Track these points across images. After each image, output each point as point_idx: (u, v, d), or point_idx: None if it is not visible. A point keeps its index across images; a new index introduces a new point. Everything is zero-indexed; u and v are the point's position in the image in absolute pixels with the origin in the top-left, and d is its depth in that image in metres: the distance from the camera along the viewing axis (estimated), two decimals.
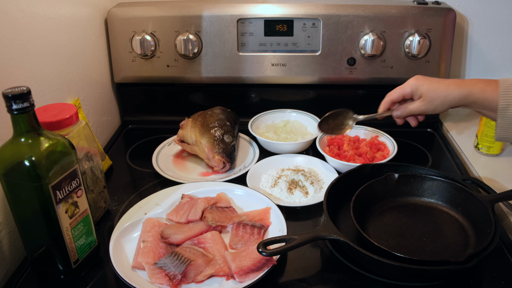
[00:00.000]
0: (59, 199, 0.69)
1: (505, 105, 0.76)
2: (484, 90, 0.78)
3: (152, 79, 1.27)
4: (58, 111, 0.80)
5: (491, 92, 0.78)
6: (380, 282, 0.75)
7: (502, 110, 0.76)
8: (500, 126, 0.78)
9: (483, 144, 1.08)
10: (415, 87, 0.84)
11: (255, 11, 1.18)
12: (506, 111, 0.76)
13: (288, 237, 0.73)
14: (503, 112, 0.76)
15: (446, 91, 0.81)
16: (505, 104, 0.76)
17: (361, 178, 0.90)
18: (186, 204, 0.90)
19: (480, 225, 0.79)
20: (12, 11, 0.82)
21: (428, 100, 0.83)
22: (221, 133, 1.06)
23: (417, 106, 0.85)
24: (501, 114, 0.77)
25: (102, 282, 0.77)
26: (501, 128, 0.78)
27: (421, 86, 0.83)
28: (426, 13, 1.16)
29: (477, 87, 0.79)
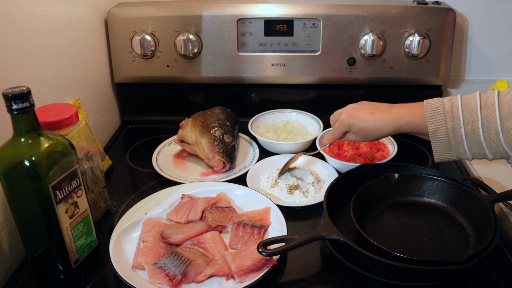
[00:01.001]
0: (59, 199, 0.69)
1: (434, 129, 0.77)
2: (411, 122, 0.80)
3: (152, 79, 1.27)
4: (58, 111, 0.80)
5: (417, 122, 0.79)
6: (380, 282, 0.75)
7: (432, 134, 0.78)
8: (435, 149, 0.79)
9: None
10: (347, 127, 0.88)
11: (255, 11, 1.18)
12: (436, 134, 0.77)
13: (288, 237, 0.73)
14: (434, 135, 0.78)
15: (374, 129, 0.84)
16: (434, 128, 0.77)
17: (361, 178, 0.90)
18: (186, 204, 0.90)
19: (480, 225, 0.79)
20: (12, 11, 0.82)
21: (361, 137, 0.87)
22: (221, 133, 1.06)
23: (354, 138, 0.90)
24: (433, 137, 0.78)
25: (102, 282, 0.77)
26: (436, 151, 0.79)
27: (352, 126, 0.87)
28: (426, 13, 1.16)
29: (404, 120, 0.81)
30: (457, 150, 0.77)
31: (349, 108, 0.89)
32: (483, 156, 0.77)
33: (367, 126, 0.84)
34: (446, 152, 0.78)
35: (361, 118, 0.85)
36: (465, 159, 0.79)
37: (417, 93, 1.27)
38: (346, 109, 0.89)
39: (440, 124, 0.77)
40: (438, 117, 0.77)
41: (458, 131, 0.75)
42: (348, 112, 0.88)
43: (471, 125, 0.74)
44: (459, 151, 0.77)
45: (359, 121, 0.85)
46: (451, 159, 0.79)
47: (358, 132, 0.86)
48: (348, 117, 0.87)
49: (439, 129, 0.77)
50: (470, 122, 0.74)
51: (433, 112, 0.77)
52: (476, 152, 0.76)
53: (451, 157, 0.79)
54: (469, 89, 1.34)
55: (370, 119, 0.84)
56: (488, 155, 0.76)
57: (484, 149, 0.75)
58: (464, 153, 0.77)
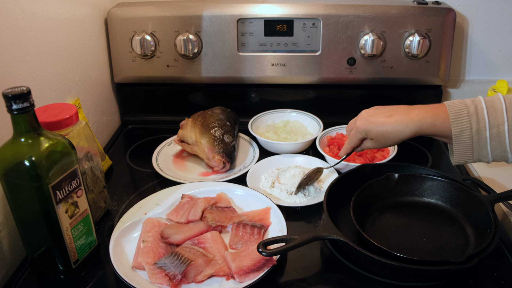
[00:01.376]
0: (59, 199, 0.69)
1: (458, 131, 0.76)
2: (433, 124, 0.78)
3: (152, 79, 1.27)
4: (58, 111, 0.80)
5: (441, 125, 0.77)
6: (380, 282, 0.75)
7: (456, 137, 0.76)
8: (457, 152, 0.77)
9: None
10: (364, 133, 0.85)
11: (255, 11, 1.18)
12: (460, 137, 0.76)
13: (288, 237, 0.73)
14: (457, 138, 0.76)
15: (394, 132, 0.80)
16: (458, 130, 0.76)
17: (361, 178, 0.90)
18: (186, 204, 0.90)
19: (480, 225, 0.79)
20: (12, 11, 0.82)
21: (380, 142, 0.84)
22: (221, 133, 1.06)
23: (372, 145, 0.86)
24: (456, 140, 0.76)
25: (102, 282, 0.77)
26: (458, 154, 0.77)
27: (369, 132, 0.83)
28: (426, 13, 1.16)
29: (426, 122, 0.78)
30: (479, 153, 0.76)
31: (364, 114, 0.85)
32: (504, 159, 0.76)
33: (386, 130, 0.81)
34: (468, 155, 0.77)
35: (378, 123, 0.81)
36: (484, 162, 0.77)
37: (417, 93, 1.27)
38: (360, 116, 0.85)
39: (464, 127, 0.75)
40: (463, 120, 0.75)
41: (483, 134, 0.74)
42: (363, 118, 0.84)
43: (497, 128, 0.73)
44: (480, 154, 0.76)
45: (376, 125, 0.82)
46: (471, 162, 0.78)
47: (376, 137, 0.83)
48: (364, 123, 0.83)
49: (464, 132, 0.75)
50: (496, 125, 0.73)
51: (457, 115, 0.76)
52: (498, 155, 0.75)
53: (472, 160, 0.77)
54: (469, 89, 1.34)
55: (389, 122, 0.81)
56: (510, 158, 0.75)
57: (507, 152, 0.74)
58: (485, 156, 0.76)
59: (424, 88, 1.26)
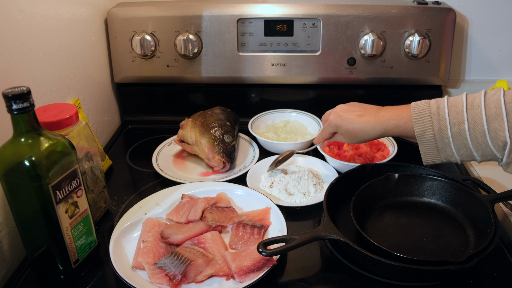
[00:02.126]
0: (59, 199, 0.69)
1: (420, 131, 0.77)
2: (397, 125, 0.80)
3: (152, 79, 1.27)
4: (58, 111, 0.80)
5: (404, 125, 0.79)
6: (380, 282, 0.75)
7: (419, 136, 0.77)
8: (423, 151, 0.78)
9: None
10: (335, 128, 0.88)
11: (255, 11, 1.18)
12: (423, 137, 0.77)
13: (288, 237, 0.73)
14: (421, 138, 0.77)
15: (361, 132, 0.84)
16: (421, 130, 0.77)
17: (361, 178, 0.90)
18: (186, 204, 0.90)
19: (480, 225, 0.79)
20: (12, 11, 0.82)
21: (349, 138, 0.87)
22: (221, 133, 1.06)
23: (342, 139, 0.90)
24: (420, 140, 0.78)
25: (102, 282, 0.77)
26: (424, 153, 0.79)
27: (339, 128, 0.87)
28: (426, 13, 1.16)
29: (390, 124, 0.80)
30: (445, 152, 0.77)
31: (338, 109, 0.88)
32: (471, 158, 0.76)
33: (354, 128, 0.84)
34: (434, 154, 0.78)
35: (349, 120, 0.85)
36: (453, 162, 0.78)
37: (417, 93, 1.27)
38: (335, 110, 0.89)
39: (426, 127, 0.76)
40: (425, 119, 0.76)
41: (445, 133, 0.75)
42: (337, 113, 0.88)
43: (458, 127, 0.74)
44: (446, 153, 0.77)
45: (346, 122, 0.85)
46: (439, 162, 0.79)
47: (345, 133, 0.87)
48: (336, 118, 0.87)
49: (426, 131, 0.76)
50: (457, 124, 0.74)
51: (419, 115, 0.77)
52: (464, 154, 0.76)
53: (439, 160, 0.78)
54: (469, 89, 1.33)
55: (358, 121, 0.84)
56: (476, 157, 0.75)
57: (472, 151, 0.75)
58: (452, 155, 0.77)
59: (424, 88, 1.26)
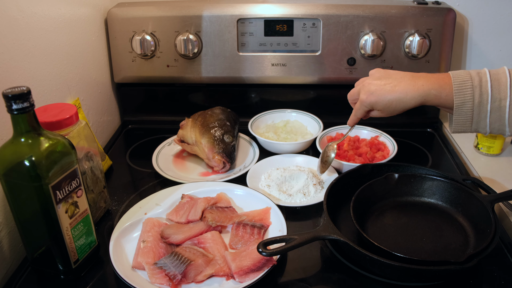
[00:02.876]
0: (59, 199, 0.69)
1: (460, 102, 0.77)
2: (438, 97, 0.79)
3: (152, 79, 1.27)
4: (58, 111, 0.80)
5: (445, 97, 0.78)
6: (380, 282, 0.75)
7: (458, 107, 0.77)
8: (457, 122, 0.79)
9: (483, 144, 1.08)
10: (370, 106, 0.85)
11: (255, 11, 1.18)
12: (461, 108, 0.77)
13: (288, 237, 0.73)
14: (458, 109, 0.77)
15: (400, 103, 0.81)
16: (461, 102, 0.76)
17: (361, 178, 0.90)
18: (186, 204, 0.90)
19: (480, 225, 0.79)
20: (12, 11, 0.82)
21: (386, 112, 0.84)
22: (221, 133, 1.06)
23: (379, 115, 0.87)
24: (457, 111, 0.77)
25: (102, 282, 0.77)
26: (457, 124, 0.79)
27: (375, 105, 0.84)
28: (426, 13, 1.16)
29: (431, 94, 0.79)
30: (478, 124, 0.77)
31: (368, 86, 0.84)
32: (501, 132, 0.77)
33: (392, 100, 0.81)
34: (466, 125, 0.78)
35: (384, 95, 0.81)
36: (482, 133, 0.79)
37: None
38: (364, 88, 0.85)
39: (467, 99, 0.76)
40: (466, 92, 0.76)
41: (485, 107, 0.75)
42: (368, 91, 0.83)
43: (499, 102, 0.74)
44: (479, 125, 0.77)
45: (381, 98, 0.82)
46: (468, 132, 0.79)
47: (383, 109, 0.83)
48: (368, 96, 0.83)
49: (466, 103, 0.76)
50: (498, 99, 0.74)
51: (460, 86, 0.76)
52: (496, 127, 0.76)
53: (469, 130, 0.79)
54: None
55: (394, 92, 0.81)
56: (507, 132, 0.76)
57: (505, 126, 0.75)
58: (483, 128, 0.77)
59: None
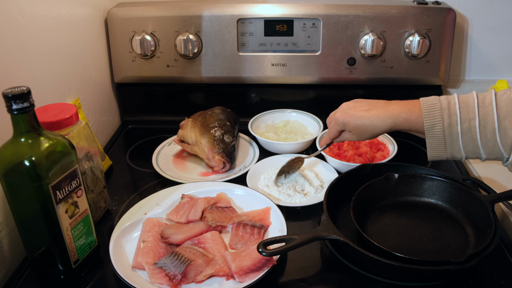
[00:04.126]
0: (59, 199, 0.69)
1: (430, 125, 0.77)
2: (408, 120, 0.80)
3: (152, 79, 1.27)
4: (58, 111, 0.80)
5: (415, 120, 0.79)
6: (380, 282, 0.75)
7: (428, 130, 0.78)
8: (430, 145, 0.79)
9: None
10: (342, 125, 0.87)
11: (255, 11, 1.18)
12: (432, 131, 0.77)
13: (288, 237, 0.73)
14: (429, 132, 0.78)
15: (370, 126, 0.83)
16: (430, 124, 0.77)
17: (361, 178, 0.90)
18: (186, 204, 0.90)
19: (480, 225, 0.79)
20: (12, 11, 0.82)
21: (357, 134, 0.86)
22: (221, 133, 1.06)
23: (350, 137, 0.89)
24: (428, 134, 0.78)
25: (102, 282, 0.77)
26: (431, 148, 0.79)
27: (347, 125, 0.86)
28: (426, 13, 1.16)
29: (401, 117, 0.80)
30: (452, 148, 0.77)
31: (344, 107, 0.88)
32: (477, 156, 0.77)
33: (363, 123, 0.83)
34: (440, 149, 0.78)
35: (356, 116, 0.84)
36: (458, 159, 0.79)
37: (417, 93, 1.26)
38: (340, 108, 0.88)
39: (436, 121, 0.77)
40: (435, 114, 0.77)
41: (455, 128, 0.76)
42: (342, 111, 0.87)
43: (468, 123, 0.75)
44: (453, 149, 0.77)
45: (354, 118, 0.84)
46: (444, 158, 0.79)
47: (353, 130, 0.86)
48: (342, 115, 0.86)
49: (436, 125, 0.77)
50: (467, 120, 0.75)
51: (430, 109, 0.77)
52: (471, 151, 0.76)
53: (445, 155, 0.79)
54: (469, 89, 1.33)
55: (366, 115, 0.83)
56: (482, 154, 0.76)
57: (479, 148, 0.75)
58: (458, 151, 0.77)
59: (424, 88, 1.26)
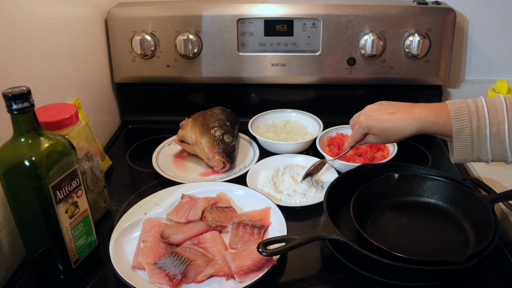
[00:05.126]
0: (59, 199, 0.69)
1: (458, 129, 0.76)
2: (435, 123, 0.79)
3: (152, 79, 1.27)
4: (58, 111, 0.80)
5: (443, 123, 0.78)
6: (380, 282, 0.75)
7: (456, 134, 0.77)
8: (457, 149, 0.78)
9: None
10: (367, 129, 0.86)
11: (255, 11, 1.18)
12: (460, 135, 0.77)
13: (288, 237, 0.73)
14: (458, 136, 0.77)
15: (396, 130, 0.82)
16: (459, 128, 0.76)
17: (361, 178, 0.90)
18: (186, 204, 0.90)
19: (480, 225, 0.79)
20: (12, 11, 0.82)
21: (382, 138, 0.85)
22: (221, 133, 1.06)
23: (374, 140, 0.88)
24: (456, 137, 0.77)
25: (102, 282, 0.77)
26: (458, 151, 0.78)
27: (372, 128, 0.85)
28: (426, 13, 1.16)
29: (428, 121, 0.79)
30: (479, 151, 0.76)
31: (368, 110, 0.86)
32: (503, 159, 0.77)
33: (388, 127, 0.82)
34: (467, 152, 0.77)
35: (381, 119, 0.83)
36: (483, 161, 0.78)
37: (417, 93, 1.27)
38: (364, 111, 0.87)
39: (465, 125, 0.76)
40: (464, 117, 0.76)
41: (483, 132, 0.75)
42: (367, 114, 0.85)
43: (497, 126, 0.74)
44: (480, 152, 0.77)
45: (378, 122, 0.83)
46: (470, 161, 0.78)
47: (378, 133, 0.84)
48: (367, 118, 0.85)
49: (464, 129, 0.76)
50: (496, 124, 0.74)
51: (458, 112, 0.77)
52: (498, 154, 0.76)
53: (471, 159, 0.78)
54: (469, 89, 1.34)
55: (391, 119, 0.82)
56: (509, 157, 0.76)
57: (507, 151, 0.75)
58: (485, 155, 0.77)
59: (424, 88, 1.26)
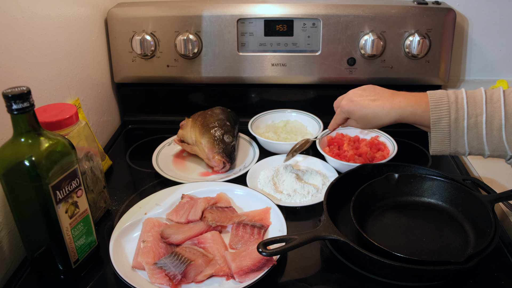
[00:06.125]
0: (59, 199, 0.69)
1: (436, 119, 0.76)
2: (414, 113, 0.79)
3: (152, 79, 1.27)
4: (58, 111, 0.80)
5: (421, 114, 0.78)
6: (380, 282, 0.75)
7: (434, 124, 0.76)
8: (434, 139, 0.78)
9: None
10: (347, 114, 0.87)
11: (255, 11, 1.18)
12: (438, 125, 0.76)
13: (288, 237, 0.73)
14: (435, 126, 0.77)
15: (375, 117, 0.82)
16: (437, 118, 0.76)
17: (361, 178, 0.90)
18: (186, 204, 0.90)
19: (480, 225, 0.79)
20: (12, 11, 0.82)
21: (362, 124, 0.86)
22: (221, 133, 1.06)
23: (355, 125, 0.89)
24: (434, 128, 0.77)
25: (102, 282, 0.77)
26: (435, 142, 0.78)
27: (352, 114, 0.86)
28: (426, 13, 1.16)
29: (407, 111, 0.79)
30: (456, 143, 0.76)
31: (351, 94, 0.87)
32: (480, 152, 0.76)
33: (368, 113, 0.83)
34: (444, 144, 0.77)
35: (361, 105, 0.83)
36: (461, 154, 0.78)
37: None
38: (347, 95, 0.87)
39: (443, 115, 0.75)
40: (442, 107, 0.76)
41: (461, 123, 0.75)
42: (349, 99, 0.86)
43: (475, 118, 0.74)
44: (457, 144, 0.76)
45: (359, 108, 0.84)
46: (447, 153, 0.78)
47: (358, 119, 0.85)
48: (348, 103, 0.86)
49: (442, 119, 0.76)
50: (474, 116, 0.74)
51: (437, 102, 0.76)
52: (475, 147, 0.76)
53: (448, 150, 0.78)
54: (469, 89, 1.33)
55: (371, 105, 0.82)
56: (486, 151, 0.75)
57: (484, 145, 0.75)
58: (462, 147, 0.76)
59: (424, 88, 1.26)
